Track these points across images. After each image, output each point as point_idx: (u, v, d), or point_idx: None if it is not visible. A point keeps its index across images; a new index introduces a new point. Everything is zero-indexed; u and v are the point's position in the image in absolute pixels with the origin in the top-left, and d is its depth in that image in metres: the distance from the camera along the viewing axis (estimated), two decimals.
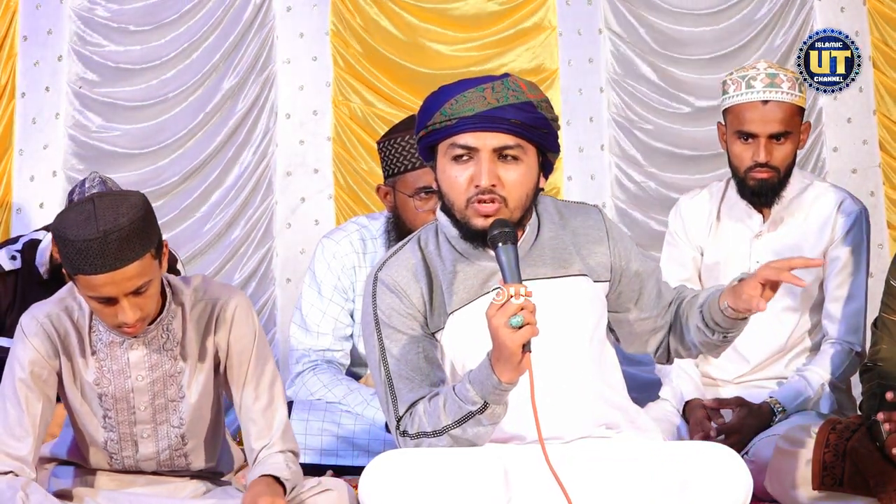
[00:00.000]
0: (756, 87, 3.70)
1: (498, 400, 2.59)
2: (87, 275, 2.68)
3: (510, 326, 2.48)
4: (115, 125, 5.16)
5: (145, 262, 2.72)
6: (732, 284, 2.76)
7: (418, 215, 3.84)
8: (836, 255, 3.79)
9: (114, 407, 2.92)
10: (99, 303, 2.75)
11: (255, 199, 5.20)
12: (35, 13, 5.14)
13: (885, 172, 5.07)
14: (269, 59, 5.22)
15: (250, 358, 2.95)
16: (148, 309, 2.79)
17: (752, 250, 3.83)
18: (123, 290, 2.71)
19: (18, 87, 5.12)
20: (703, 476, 2.57)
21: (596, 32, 5.19)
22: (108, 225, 2.67)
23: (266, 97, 5.22)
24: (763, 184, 3.73)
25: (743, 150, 3.73)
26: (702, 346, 2.87)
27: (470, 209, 2.66)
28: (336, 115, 5.21)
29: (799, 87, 3.72)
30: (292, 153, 5.23)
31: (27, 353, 2.86)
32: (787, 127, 3.70)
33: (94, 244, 2.66)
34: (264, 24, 5.21)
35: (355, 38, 5.23)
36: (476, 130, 2.64)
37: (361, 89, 5.22)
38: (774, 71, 3.72)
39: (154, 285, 2.78)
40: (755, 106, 3.69)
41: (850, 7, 5.05)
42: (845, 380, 3.78)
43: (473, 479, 2.60)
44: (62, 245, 2.71)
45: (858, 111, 5.08)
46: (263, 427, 2.93)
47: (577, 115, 5.18)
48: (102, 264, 2.67)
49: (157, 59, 5.17)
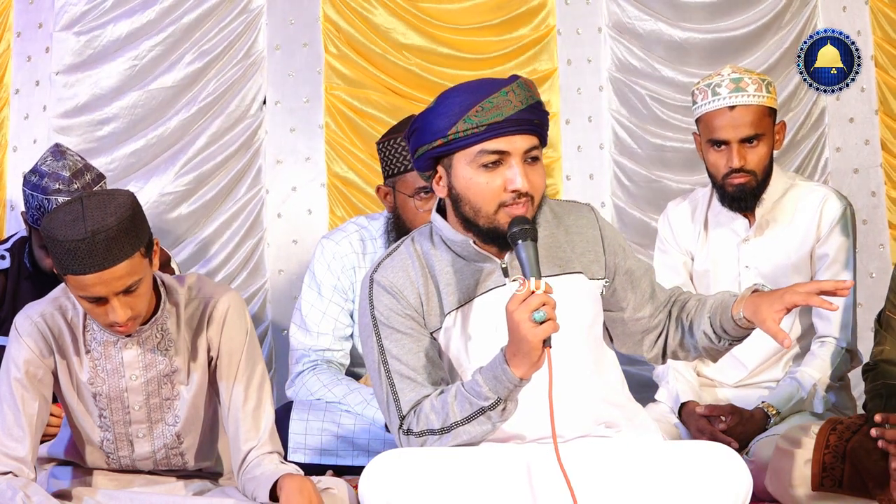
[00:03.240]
0: (722, 94, 3.70)
1: (512, 396, 2.59)
2: (77, 275, 2.69)
3: (533, 321, 2.48)
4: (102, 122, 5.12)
5: (135, 261, 2.72)
6: (747, 296, 2.76)
7: (418, 215, 3.84)
8: (823, 252, 3.80)
9: (108, 406, 2.92)
10: (90, 302, 2.75)
11: (244, 189, 5.13)
12: (28, 9, 5.12)
13: (886, 172, 5.06)
14: (254, 45, 5.16)
15: (241, 358, 2.96)
16: (139, 308, 2.79)
17: (741, 255, 3.84)
18: (113, 290, 2.71)
19: (13, 84, 5.11)
20: (703, 476, 2.58)
21: (595, 31, 5.19)
22: (96, 225, 2.67)
23: (254, 83, 5.16)
24: (741, 189, 3.73)
25: (717, 157, 3.74)
26: (705, 350, 2.87)
27: (501, 213, 2.65)
28: (328, 102, 5.18)
29: (766, 89, 3.72)
30: (283, 141, 5.19)
31: (22, 353, 2.87)
32: (758, 129, 3.69)
33: (83, 244, 2.66)
34: (249, 9, 5.17)
35: (347, 24, 5.20)
36: (508, 135, 2.64)
37: (353, 76, 5.19)
38: (739, 75, 3.72)
39: (145, 284, 2.78)
40: (723, 112, 3.70)
41: (853, 6, 5.04)
42: (839, 377, 3.78)
43: (473, 479, 2.60)
44: (51, 245, 2.71)
45: (861, 111, 5.06)
46: (251, 428, 2.93)
47: (576, 114, 5.17)
48: (91, 264, 2.67)
49: (145, 47, 5.11)
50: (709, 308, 2.83)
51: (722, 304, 2.81)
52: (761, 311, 2.70)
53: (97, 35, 5.13)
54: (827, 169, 5.09)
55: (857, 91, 4.93)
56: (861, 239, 4.93)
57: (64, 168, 3.65)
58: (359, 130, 5.12)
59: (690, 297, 2.92)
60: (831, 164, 5.09)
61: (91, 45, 5.13)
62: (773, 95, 3.75)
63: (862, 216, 4.99)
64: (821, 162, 5.10)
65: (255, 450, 2.92)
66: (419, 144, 2.71)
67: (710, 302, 2.84)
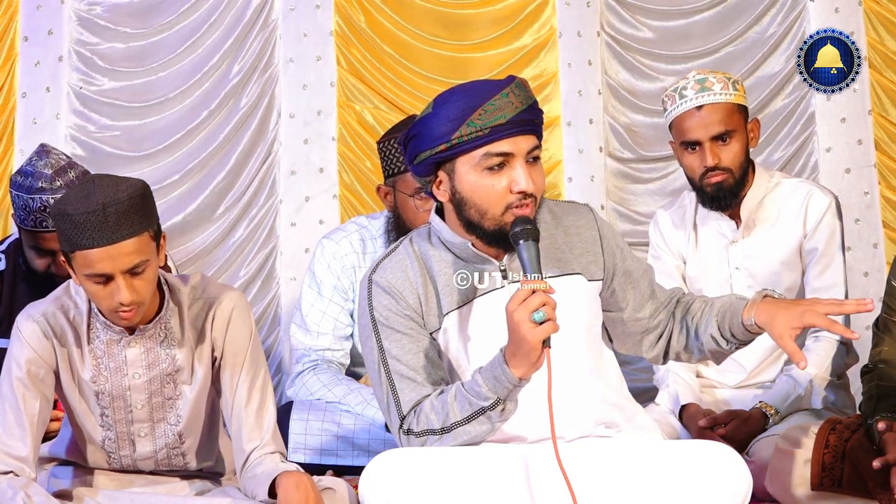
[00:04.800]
0: (688, 96, 3.72)
1: (511, 396, 2.60)
2: (85, 249, 2.70)
3: (533, 321, 2.49)
4: (116, 125, 5.15)
5: (143, 240, 2.73)
6: (759, 301, 2.75)
7: (419, 215, 3.83)
8: (812, 246, 3.80)
9: (111, 405, 2.92)
10: (95, 283, 2.75)
11: (260, 199, 5.20)
12: (35, 13, 5.13)
13: (881, 172, 5.08)
14: (272, 59, 5.22)
15: (245, 358, 2.96)
16: (144, 294, 2.79)
17: (730, 256, 3.85)
18: (120, 267, 2.72)
19: (19, 88, 5.12)
20: (703, 476, 2.58)
21: (595, 34, 5.20)
22: (107, 199, 2.70)
23: (270, 97, 5.21)
24: (719, 187, 3.74)
25: (692, 159, 3.75)
26: (710, 353, 2.87)
27: (507, 214, 2.65)
28: (340, 115, 5.21)
29: (732, 86, 3.73)
30: (297, 153, 5.22)
31: (24, 353, 2.87)
32: (728, 126, 3.71)
33: (93, 217, 2.69)
34: (267, 23, 5.21)
35: (359, 39, 5.22)
36: (511, 136, 2.65)
37: (365, 90, 5.22)
38: (703, 76, 3.74)
39: (151, 269, 2.78)
40: (691, 114, 3.72)
41: (846, 8, 5.06)
42: (837, 373, 3.79)
43: (473, 479, 2.61)
44: (61, 222, 2.72)
45: (853, 111, 5.08)
46: (254, 427, 2.93)
47: (577, 116, 5.19)
48: (101, 237, 2.69)
49: (158, 59, 5.16)
50: (717, 311, 2.82)
51: (731, 307, 2.80)
52: (776, 324, 2.69)
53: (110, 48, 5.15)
54: (818, 169, 5.11)
55: (849, 92, 4.95)
56: (855, 238, 4.95)
57: (46, 166, 3.64)
58: (370, 143, 5.15)
59: (695, 300, 2.91)
60: (822, 164, 5.11)
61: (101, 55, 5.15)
62: (741, 93, 3.77)
63: (855, 215, 5.01)
64: (812, 162, 5.12)
65: (257, 450, 2.92)
66: (419, 150, 2.70)
67: (718, 305, 2.83)
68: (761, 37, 5.16)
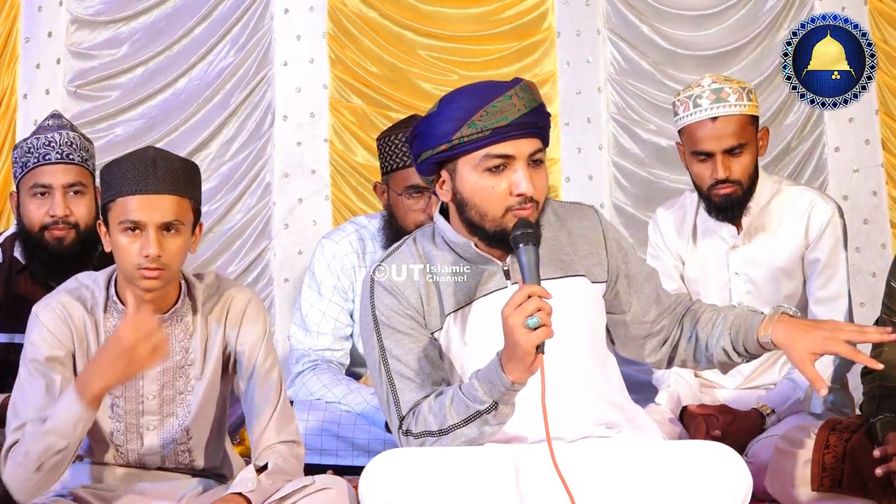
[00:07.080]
0: (703, 106, 3.68)
1: (507, 400, 2.59)
2: (126, 195, 2.79)
3: (527, 327, 2.48)
4: (114, 126, 5.16)
5: (183, 204, 2.83)
6: (776, 319, 2.74)
7: (409, 213, 3.85)
8: (815, 257, 3.77)
9: (122, 395, 2.95)
10: (127, 234, 2.80)
11: (253, 200, 5.23)
12: (36, 15, 5.16)
13: (888, 172, 5.07)
14: (265, 61, 5.23)
15: (259, 354, 2.99)
16: (171, 257, 2.83)
17: (730, 262, 3.83)
18: (155, 219, 2.79)
19: (20, 89, 5.14)
20: (703, 476, 2.57)
21: (594, 33, 5.20)
22: (160, 156, 2.84)
23: (263, 98, 5.23)
24: (727, 199, 3.71)
25: (702, 169, 3.72)
26: (719, 364, 2.86)
27: (508, 216, 2.65)
28: (333, 116, 5.22)
29: (747, 97, 3.69)
30: (289, 154, 5.24)
31: (42, 337, 2.90)
32: (741, 139, 3.67)
33: (142, 165, 2.80)
34: (261, 25, 5.22)
35: (351, 41, 5.23)
36: (513, 139, 2.64)
37: (358, 91, 5.22)
38: (719, 85, 3.69)
39: (183, 237, 2.85)
40: (705, 124, 3.67)
41: (851, 6, 5.04)
42: (838, 378, 3.77)
43: (473, 479, 2.61)
44: (109, 174, 2.83)
45: (860, 111, 5.07)
46: (268, 421, 2.96)
47: (575, 115, 5.19)
48: (144, 186, 2.79)
49: (153, 61, 5.18)
50: (730, 325, 2.81)
51: (745, 322, 2.78)
52: (797, 348, 2.68)
53: (108, 53, 5.16)
54: (826, 169, 5.10)
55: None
56: (863, 238, 4.93)
57: (50, 117, 3.77)
58: (363, 144, 5.15)
59: (705, 309, 2.89)
60: (830, 163, 5.10)
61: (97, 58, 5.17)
62: (755, 103, 3.73)
63: (863, 215, 5.00)
64: (820, 162, 5.11)
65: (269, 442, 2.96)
66: (423, 149, 2.70)
67: (732, 318, 2.81)
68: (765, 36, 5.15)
